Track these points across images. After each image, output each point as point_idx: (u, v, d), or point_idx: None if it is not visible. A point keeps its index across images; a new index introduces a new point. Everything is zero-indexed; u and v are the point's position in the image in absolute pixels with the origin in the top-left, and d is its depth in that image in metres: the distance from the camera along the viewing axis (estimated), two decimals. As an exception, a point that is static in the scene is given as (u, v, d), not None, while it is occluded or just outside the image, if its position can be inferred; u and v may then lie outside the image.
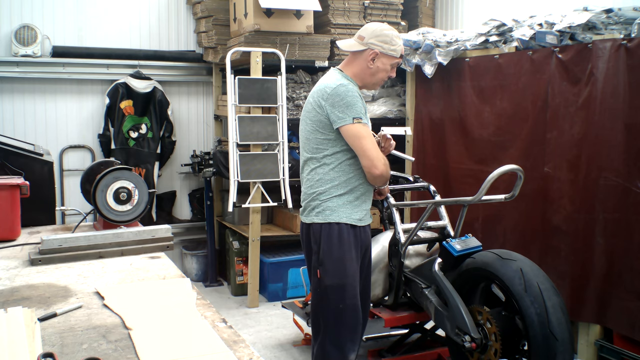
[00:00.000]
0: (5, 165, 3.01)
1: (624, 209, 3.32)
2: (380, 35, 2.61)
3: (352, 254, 2.60)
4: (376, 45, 2.60)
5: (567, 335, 2.59)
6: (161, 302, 1.91)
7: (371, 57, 2.61)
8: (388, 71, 2.67)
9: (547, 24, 3.84)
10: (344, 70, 2.67)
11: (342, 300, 2.58)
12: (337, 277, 2.58)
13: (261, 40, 4.71)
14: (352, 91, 2.53)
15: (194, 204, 5.86)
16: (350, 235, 2.59)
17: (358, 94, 2.56)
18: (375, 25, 2.68)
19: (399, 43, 2.63)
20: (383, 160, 2.55)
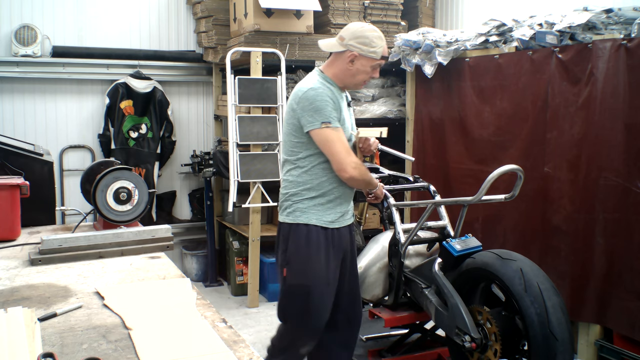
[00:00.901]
0: (5, 165, 3.01)
1: (624, 209, 3.32)
2: (360, 36, 2.57)
3: (321, 255, 2.60)
4: (355, 47, 2.56)
5: (567, 335, 2.59)
6: (161, 302, 1.91)
7: (350, 59, 2.58)
8: (368, 73, 2.63)
9: (547, 24, 3.84)
10: (325, 71, 2.66)
11: (307, 301, 2.60)
12: (303, 278, 2.60)
13: (261, 40, 4.71)
14: (321, 95, 2.51)
15: (194, 204, 5.86)
16: (320, 237, 2.60)
17: (329, 98, 2.52)
18: (356, 25, 2.64)
19: (380, 44, 2.58)
20: (354, 164, 2.52)
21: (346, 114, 2.67)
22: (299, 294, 2.62)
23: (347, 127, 2.63)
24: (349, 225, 2.77)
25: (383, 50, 2.59)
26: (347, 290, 2.76)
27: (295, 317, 2.66)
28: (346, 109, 2.69)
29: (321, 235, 2.60)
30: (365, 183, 2.66)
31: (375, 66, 2.62)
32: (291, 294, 2.66)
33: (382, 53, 2.59)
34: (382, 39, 2.61)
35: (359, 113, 5.18)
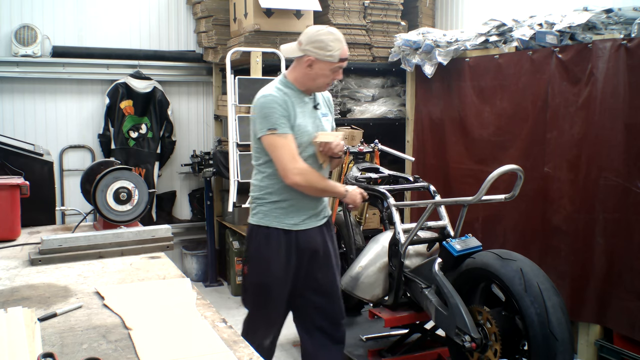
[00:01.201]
0: (5, 165, 3.00)
1: (624, 209, 3.32)
2: (316, 41, 2.56)
3: (282, 256, 2.67)
4: (312, 51, 2.56)
5: (567, 335, 2.59)
6: (161, 302, 1.91)
7: (308, 64, 2.59)
8: (328, 76, 2.61)
9: (547, 24, 3.84)
10: (288, 75, 2.69)
11: (265, 298, 2.73)
12: (261, 277, 2.71)
13: (261, 40, 4.71)
14: (269, 102, 2.56)
15: (194, 204, 5.86)
16: (280, 239, 2.67)
17: (278, 105, 2.55)
18: (312, 29, 2.63)
19: (337, 47, 2.56)
20: (297, 170, 2.54)
21: (309, 117, 2.66)
22: (256, 291, 2.75)
23: (308, 131, 2.63)
24: (322, 225, 2.80)
25: (341, 52, 2.58)
26: (323, 290, 2.81)
27: (253, 311, 2.81)
28: (312, 112, 2.69)
29: (282, 237, 2.67)
30: (316, 190, 2.65)
31: (335, 69, 2.61)
32: (249, 291, 2.79)
33: (340, 56, 2.58)
34: (340, 41, 2.59)
35: (359, 113, 5.18)
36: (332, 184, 2.73)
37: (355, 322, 4.00)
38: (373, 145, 3.86)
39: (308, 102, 2.70)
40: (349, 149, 3.73)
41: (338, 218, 3.84)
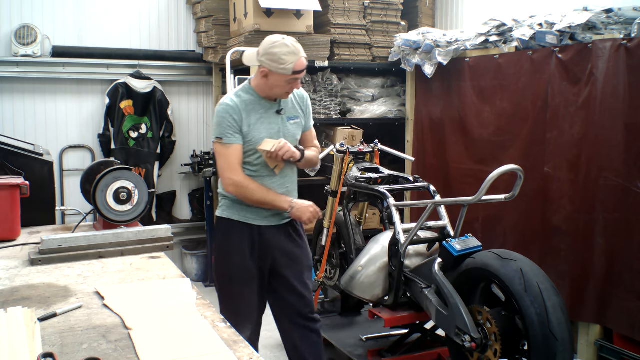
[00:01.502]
0: (5, 165, 3.00)
1: (624, 209, 3.32)
2: (269, 53, 2.62)
3: (245, 249, 2.77)
4: (265, 63, 2.62)
5: (567, 335, 2.59)
6: (161, 302, 1.91)
7: (263, 74, 2.66)
8: (284, 87, 2.66)
9: (547, 24, 3.84)
10: (252, 81, 2.77)
11: (229, 288, 2.84)
12: (224, 267, 2.84)
13: (261, 40, 4.68)
14: (222, 112, 2.66)
15: (194, 204, 5.86)
16: (243, 232, 2.77)
17: (228, 114, 2.65)
18: (268, 40, 2.68)
19: (291, 60, 2.59)
20: (230, 181, 2.68)
21: (267, 123, 2.73)
22: (222, 282, 2.88)
23: (262, 138, 2.70)
24: (287, 224, 2.87)
25: (295, 65, 2.60)
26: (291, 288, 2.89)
27: (223, 302, 2.89)
28: (273, 117, 2.75)
29: (244, 231, 2.78)
30: (252, 202, 2.73)
31: (290, 81, 2.65)
32: (216, 281, 2.94)
33: (294, 69, 2.60)
34: (295, 54, 2.62)
35: (359, 113, 5.18)
36: (272, 197, 2.73)
37: (355, 322, 3.99)
38: (373, 145, 3.86)
39: (270, 107, 2.76)
40: (348, 149, 3.73)
41: (338, 218, 3.84)
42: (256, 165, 2.75)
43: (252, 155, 2.74)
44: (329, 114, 5.03)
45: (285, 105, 2.82)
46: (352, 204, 3.74)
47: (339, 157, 3.72)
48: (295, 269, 2.91)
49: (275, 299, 2.96)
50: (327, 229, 3.79)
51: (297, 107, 2.88)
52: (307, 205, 2.78)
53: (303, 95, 2.93)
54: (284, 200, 2.75)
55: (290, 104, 2.85)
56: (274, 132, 2.75)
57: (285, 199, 2.77)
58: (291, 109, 2.85)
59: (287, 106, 2.83)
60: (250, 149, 2.72)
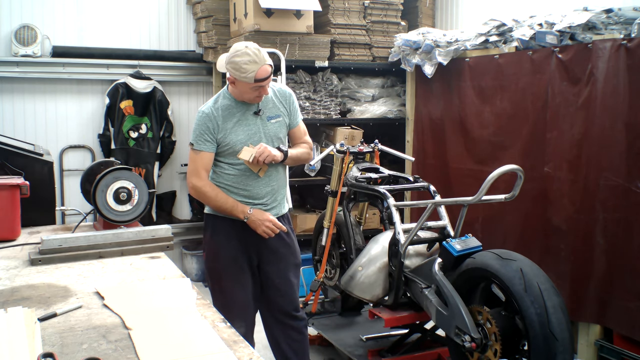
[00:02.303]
0: (5, 165, 3.00)
1: (624, 209, 3.32)
2: (231, 62, 2.68)
3: (231, 244, 2.87)
4: (230, 71, 2.70)
5: (567, 335, 2.59)
6: (161, 302, 1.91)
7: (230, 82, 2.75)
8: (251, 93, 2.72)
9: (547, 24, 3.84)
10: (229, 87, 2.83)
11: (218, 282, 2.93)
12: (214, 263, 2.92)
13: (261, 40, 4.71)
14: (198, 119, 2.79)
15: (194, 204, 5.86)
16: (227, 228, 2.87)
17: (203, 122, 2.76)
18: (233, 48, 2.72)
19: (252, 69, 2.63)
20: (191, 185, 2.80)
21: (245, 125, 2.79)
22: (211, 274, 2.96)
23: (240, 140, 2.78)
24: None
25: (256, 74, 2.64)
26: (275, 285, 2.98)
27: (215, 298, 2.94)
28: (252, 119, 2.81)
29: (228, 226, 2.86)
30: (212, 207, 2.86)
31: (255, 87, 2.69)
32: (208, 277, 3.01)
33: (256, 77, 2.65)
34: (256, 62, 2.65)
35: (359, 113, 5.18)
36: (230, 205, 2.80)
37: (355, 322, 3.99)
38: (373, 145, 3.86)
39: (248, 109, 2.81)
40: (348, 149, 3.73)
41: (338, 218, 3.84)
42: (240, 165, 2.82)
43: (231, 158, 2.82)
44: (329, 114, 5.04)
45: (265, 105, 2.86)
46: (352, 204, 3.74)
47: (339, 157, 3.72)
48: (279, 265, 2.97)
49: (260, 295, 3.02)
50: (327, 229, 3.79)
51: (278, 105, 2.90)
52: (262, 219, 2.82)
53: (285, 93, 2.95)
54: (240, 211, 2.81)
55: (270, 103, 2.88)
56: (252, 133, 2.80)
57: (242, 209, 2.81)
58: (271, 108, 2.88)
59: (267, 106, 2.87)
60: (231, 152, 2.80)
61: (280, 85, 2.98)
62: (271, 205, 2.92)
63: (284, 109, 2.93)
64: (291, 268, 3.03)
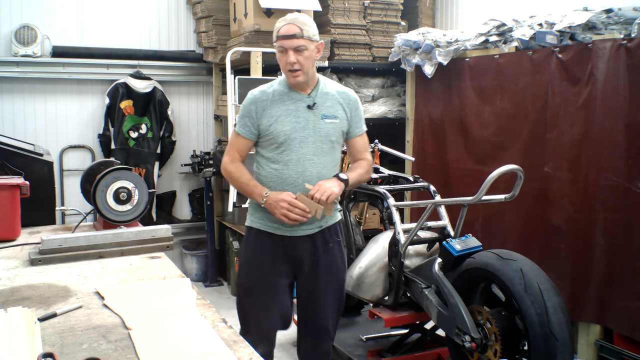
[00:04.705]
0: (5, 165, 3.00)
1: (624, 209, 3.32)
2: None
3: (267, 260, 2.59)
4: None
5: (567, 335, 2.59)
6: (161, 302, 1.91)
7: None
8: (280, 61, 2.52)
9: (547, 24, 3.84)
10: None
11: (248, 301, 2.67)
12: (245, 279, 2.68)
13: (261, 40, 4.71)
14: (245, 101, 2.59)
15: (194, 204, 5.86)
16: (266, 242, 2.59)
17: (248, 104, 2.55)
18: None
19: (278, 26, 2.49)
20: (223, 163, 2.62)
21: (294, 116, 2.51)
22: (242, 293, 2.71)
23: (284, 131, 2.49)
24: (315, 234, 2.61)
25: (279, 30, 2.48)
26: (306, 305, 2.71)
27: (241, 314, 2.72)
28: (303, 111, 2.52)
29: (266, 240, 2.59)
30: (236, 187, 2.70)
31: (279, 49, 2.50)
32: (237, 292, 2.78)
33: (278, 33, 2.48)
34: (284, 20, 2.50)
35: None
36: (250, 188, 2.54)
37: (355, 322, 3.99)
38: (373, 145, 3.86)
39: (300, 100, 2.54)
40: None
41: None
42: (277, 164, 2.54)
43: (275, 149, 2.54)
44: (329, 114, 5.03)
45: (322, 102, 2.57)
46: (352, 204, 3.74)
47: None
48: (314, 284, 2.66)
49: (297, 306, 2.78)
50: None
51: (339, 106, 2.60)
52: (277, 199, 2.46)
53: (350, 96, 2.64)
54: (258, 194, 2.51)
55: (329, 101, 2.58)
56: (299, 127, 2.51)
57: (260, 191, 2.51)
58: (329, 106, 2.58)
59: (324, 103, 2.57)
60: (272, 144, 2.54)
61: (348, 89, 2.68)
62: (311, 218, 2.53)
63: (344, 112, 2.60)
64: (332, 286, 2.69)
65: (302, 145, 2.51)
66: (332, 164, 2.61)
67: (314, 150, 2.53)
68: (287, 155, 2.52)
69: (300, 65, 2.46)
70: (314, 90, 2.57)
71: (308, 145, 2.52)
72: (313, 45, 2.50)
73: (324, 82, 2.62)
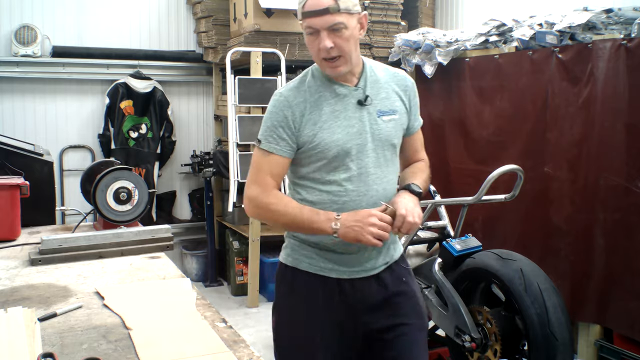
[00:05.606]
0: (5, 165, 3.01)
1: (624, 209, 3.32)
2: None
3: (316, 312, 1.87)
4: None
5: (567, 335, 2.59)
6: (161, 302, 1.91)
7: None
8: (311, 46, 1.80)
9: (547, 24, 3.84)
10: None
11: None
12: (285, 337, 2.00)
13: (261, 40, 4.71)
14: (273, 105, 1.85)
15: (194, 204, 5.86)
16: (315, 288, 1.87)
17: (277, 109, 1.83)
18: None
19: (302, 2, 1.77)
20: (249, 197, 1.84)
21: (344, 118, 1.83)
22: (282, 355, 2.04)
23: (335, 141, 1.80)
24: (381, 273, 1.91)
25: (304, 4, 1.76)
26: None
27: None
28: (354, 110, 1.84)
29: (317, 286, 1.88)
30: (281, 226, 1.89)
31: (307, 31, 1.78)
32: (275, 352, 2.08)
33: (304, 8, 1.76)
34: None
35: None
36: (307, 214, 1.77)
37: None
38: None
39: (347, 94, 1.85)
40: None
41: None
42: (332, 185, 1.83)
43: (325, 166, 1.83)
44: (329, 114, 5.03)
45: (375, 93, 1.88)
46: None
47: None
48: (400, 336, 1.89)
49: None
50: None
51: (395, 96, 1.92)
52: (360, 219, 1.72)
53: (407, 80, 1.97)
54: (325, 219, 1.75)
55: (383, 91, 1.89)
56: (353, 133, 1.82)
57: (326, 215, 1.76)
58: (384, 99, 1.89)
59: (378, 95, 1.88)
60: (321, 159, 1.82)
61: (400, 70, 2.00)
62: (376, 249, 1.87)
63: (402, 103, 1.93)
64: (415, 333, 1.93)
65: (361, 155, 1.83)
66: (396, 175, 1.97)
67: (375, 160, 1.86)
68: (343, 171, 1.82)
69: (339, 50, 1.76)
70: (361, 79, 1.88)
71: (368, 155, 1.84)
72: (354, 20, 1.78)
73: (370, 66, 1.93)
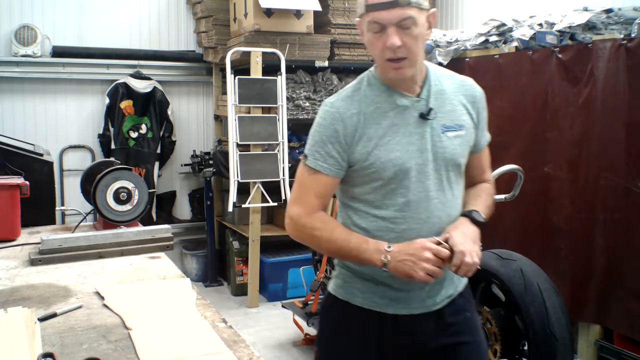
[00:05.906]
0: (5, 165, 3.01)
1: (624, 209, 3.32)
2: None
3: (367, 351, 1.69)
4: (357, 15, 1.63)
5: (567, 335, 2.59)
6: (161, 302, 1.91)
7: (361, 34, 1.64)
8: (375, 44, 1.56)
9: (547, 24, 3.85)
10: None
11: None
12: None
13: (261, 40, 4.71)
14: (323, 117, 1.66)
15: (194, 204, 5.86)
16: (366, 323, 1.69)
17: (328, 122, 1.63)
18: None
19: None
20: (290, 217, 1.66)
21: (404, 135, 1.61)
22: None
23: (392, 160, 1.59)
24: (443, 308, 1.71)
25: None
26: None
27: None
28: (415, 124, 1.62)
29: (369, 321, 1.68)
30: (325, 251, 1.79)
31: (371, 27, 1.55)
32: None
33: (367, 1, 1.54)
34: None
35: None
36: (356, 242, 1.58)
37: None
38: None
39: (409, 106, 1.63)
40: None
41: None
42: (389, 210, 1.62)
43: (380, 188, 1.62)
44: (329, 114, 5.03)
45: (440, 105, 1.66)
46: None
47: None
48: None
49: None
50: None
51: (462, 109, 1.71)
52: (414, 252, 1.52)
53: (475, 90, 1.80)
54: (374, 249, 1.56)
55: (448, 103, 1.68)
56: (413, 151, 1.61)
57: (376, 245, 1.56)
58: (450, 111, 1.67)
59: (443, 107, 1.66)
60: (376, 180, 1.61)
61: (467, 79, 1.84)
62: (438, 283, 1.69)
63: (469, 117, 1.72)
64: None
65: (422, 177, 1.61)
66: (461, 200, 1.74)
67: (437, 182, 1.64)
68: (401, 195, 1.61)
69: (407, 50, 1.54)
70: (424, 89, 1.66)
71: (429, 177, 1.62)
72: (423, 17, 1.56)
73: (434, 73, 1.72)
